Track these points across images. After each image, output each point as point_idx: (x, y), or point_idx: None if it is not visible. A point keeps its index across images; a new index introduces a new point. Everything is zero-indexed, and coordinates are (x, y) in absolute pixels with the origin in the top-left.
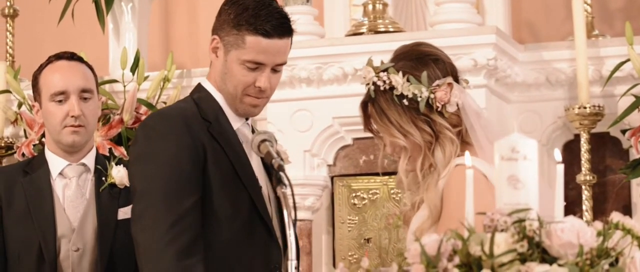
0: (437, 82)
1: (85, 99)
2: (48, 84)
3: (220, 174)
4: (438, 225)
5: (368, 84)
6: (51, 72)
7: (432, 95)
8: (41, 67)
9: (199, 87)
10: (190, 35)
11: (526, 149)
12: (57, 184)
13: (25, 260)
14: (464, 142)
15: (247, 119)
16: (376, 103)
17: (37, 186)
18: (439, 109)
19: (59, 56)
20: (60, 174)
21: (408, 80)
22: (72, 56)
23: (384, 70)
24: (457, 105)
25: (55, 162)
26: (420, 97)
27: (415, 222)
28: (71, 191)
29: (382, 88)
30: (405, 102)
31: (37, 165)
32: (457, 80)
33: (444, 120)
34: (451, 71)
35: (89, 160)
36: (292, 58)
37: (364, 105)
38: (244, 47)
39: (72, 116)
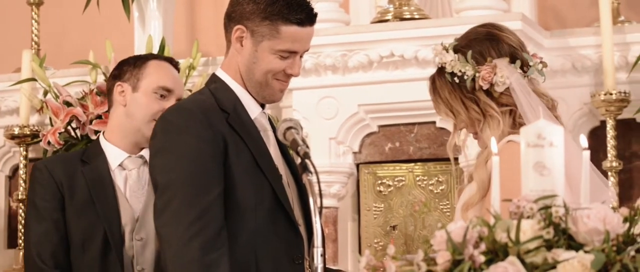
0: (488, 62)
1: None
2: (157, 75)
3: (241, 165)
4: (485, 199)
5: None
6: (161, 67)
7: (477, 74)
8: (142, 58)
9: (215, 78)
10: (216, 23)
11: (552, 135)
12: (117, 175)
13: (90, 248)
14: (517, 122)
15: (263, 107)
16: (435, 80)
17: (97, 174)
18: (484, 89)
19: (164, 58)
20: (120, 165)
21: (459, 60)
22: (176, 64)
23: (445, 49)
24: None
25: (114, 153)
26: (466, 75)
27: (464, 196)
28: (132, 181)
29: (439, 65)
30: (456, 80)
31: (93, 155)
32: (515, 61)
33: (489, 100)
34: (510, 53)
35: (147, 152)
36: (317, 45)
37: (432, 80)
38: (279, 37)
39: None
